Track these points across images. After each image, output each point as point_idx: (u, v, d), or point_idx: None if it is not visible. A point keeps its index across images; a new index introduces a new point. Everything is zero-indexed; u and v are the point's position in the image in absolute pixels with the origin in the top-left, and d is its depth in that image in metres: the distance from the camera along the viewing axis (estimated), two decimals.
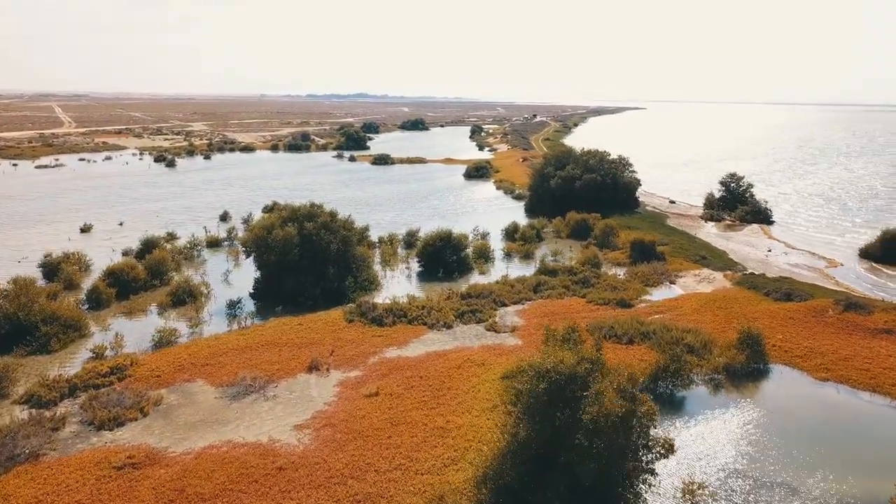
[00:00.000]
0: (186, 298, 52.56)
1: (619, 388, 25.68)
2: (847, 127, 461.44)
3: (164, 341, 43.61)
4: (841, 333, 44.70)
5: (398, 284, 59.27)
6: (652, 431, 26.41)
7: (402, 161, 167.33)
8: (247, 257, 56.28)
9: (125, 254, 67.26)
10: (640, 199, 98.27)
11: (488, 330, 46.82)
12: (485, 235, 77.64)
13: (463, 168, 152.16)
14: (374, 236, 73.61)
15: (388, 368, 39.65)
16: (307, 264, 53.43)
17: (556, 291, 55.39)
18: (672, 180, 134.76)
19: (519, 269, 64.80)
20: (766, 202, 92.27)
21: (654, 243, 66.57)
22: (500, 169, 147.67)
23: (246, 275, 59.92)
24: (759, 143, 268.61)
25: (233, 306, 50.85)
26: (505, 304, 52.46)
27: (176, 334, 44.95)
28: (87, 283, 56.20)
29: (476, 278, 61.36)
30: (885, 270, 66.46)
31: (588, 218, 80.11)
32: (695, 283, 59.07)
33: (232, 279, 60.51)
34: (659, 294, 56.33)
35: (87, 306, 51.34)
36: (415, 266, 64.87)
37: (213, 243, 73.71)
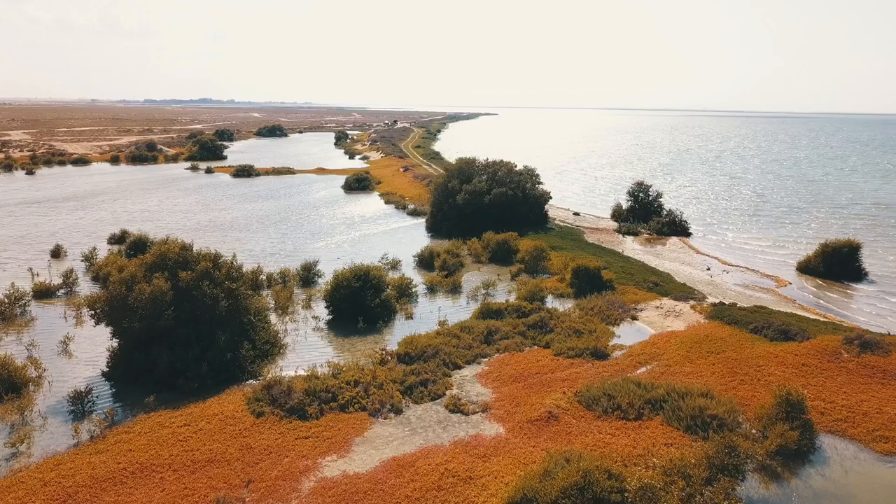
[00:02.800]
0: (2, 392, 36.01)
1: None
2: (685, 132, 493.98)
3: None
4: (871, 383, 37.33)
5: (307, 343, 45.65)
6: None
7: (268, 172, 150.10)
8: (97, 324, 40.25)
9: None
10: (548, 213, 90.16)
11: (452, 411, 34.88)
12: (396, 265, 65.43)
13: (338, 178, 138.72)
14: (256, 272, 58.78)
15: (334, 501, 26.64)
16: (187, 331, 38.67)
17: (513, 341, 44.48)
18: (556, 189, 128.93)
19: (450, 308, 53.37)
20: (682, 212, 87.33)
21: (600, 269, 57.59)
22: (382, 180, 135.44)
23: (97, 340, 43.86)
24: (619, 148, 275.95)
25: (79, 399, 35.05)
26: (458, 366, 40.76)
27: None
28: None
29: (403, 326, 49.11)
30: (835, 286, 62.05)
31: (509, 239, 70.18)
32: (660, 317, 50.53)
33: (76, 349, 43.74)
34: (628, 335, 47.10)
35: None
36: (321, 312, 51.40)
37: (43, 293, 55.44)
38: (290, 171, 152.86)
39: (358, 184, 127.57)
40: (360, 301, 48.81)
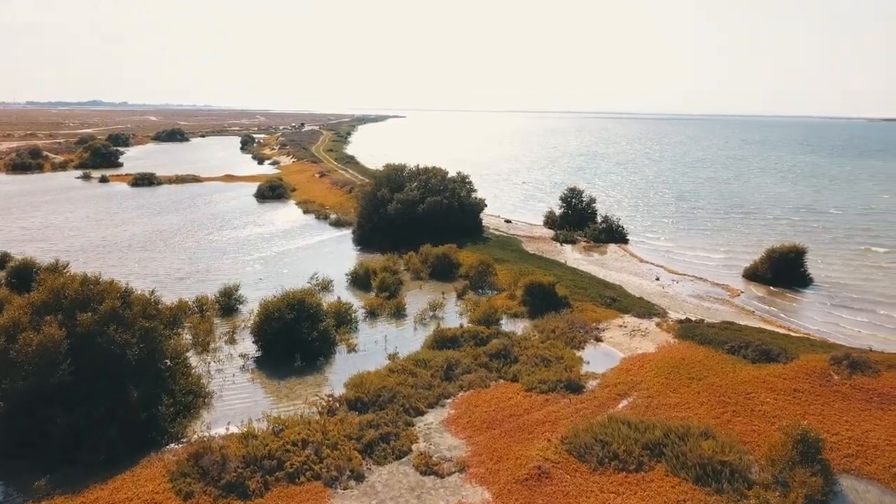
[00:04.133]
0: None
1: None
2: (592, 133, 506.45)
3: None
4: (870, 409, 34.61)
5: (236, 388, 38.79)
6: None
7: (171, 180, 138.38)
8: None
9: None
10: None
11: (424, 473, 29.32)
12: (327, 285, 58.98)
13: (249, 186, 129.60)
14: (165, 300, 50.79)
15: None
16: (89, 386, 31.23)
17: (477, 375, 39.35)
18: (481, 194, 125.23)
19: (396, 336, 47.67)
20: (619, 219, 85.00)
21: (554, 285, 53.44)
22: (297, 186, 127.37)
23: None
24: (532, 151, 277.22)
25: None
26: (420, 412, 35.21)
27: None
28: None
29: (347, 361, 42.99)
30: (786, 294, 60.63)
31: (449, 252, 65.09)
32: (626, 337, 46.79)
33: None
34: (596, 360, 42.92)
35: None
36: (249, 347, 44.51)
37: None
38: (195, 179, 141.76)
39: (272, 192, 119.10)
40: (296, 334, 42.32)
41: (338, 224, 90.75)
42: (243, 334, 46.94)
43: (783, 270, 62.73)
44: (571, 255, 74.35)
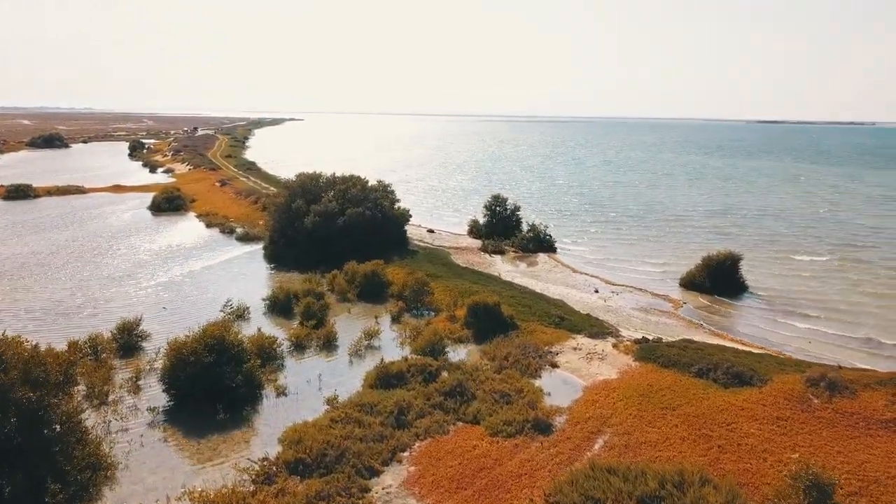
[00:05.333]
0: None
1: None
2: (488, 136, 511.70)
3: None
4: (858, 436, 32.43)
5: (144, 453, 32.03)
6: None
7: (50, 192, 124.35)
8: None
9: None
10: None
11: None
12: (243, 313, 52.33)
13: (142, 197, 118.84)
14: (49, 340, 42.66)
15: None
16: None
17: (433, 419, 34.51)
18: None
19: (330, 372, 42.06)
20: (547, 227, 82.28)
21: (499, 305, 49.37)
22: (197, 197, 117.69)
23: None
24: (436, 156, 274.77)
25: None
26: (375, 472, 29.97)
27: None
28: None
29: (278, 407, 37.01)
30: (726, 304, 59.43)
31: (378, 270, 59.82)
32: (583, 362, 43.29)
33: None
34: (557, 391, 39.07)
35: None
36: (157, 396, 37.65)
37: None
38: (79, 191, 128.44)
39: (169, 203, 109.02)
40: (217, 380, 35.96)
41: (246, 239, 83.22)
42: (149, 379, 39.94)
43: (720, 278, 61.67)
44: (503, 268, 70.78)
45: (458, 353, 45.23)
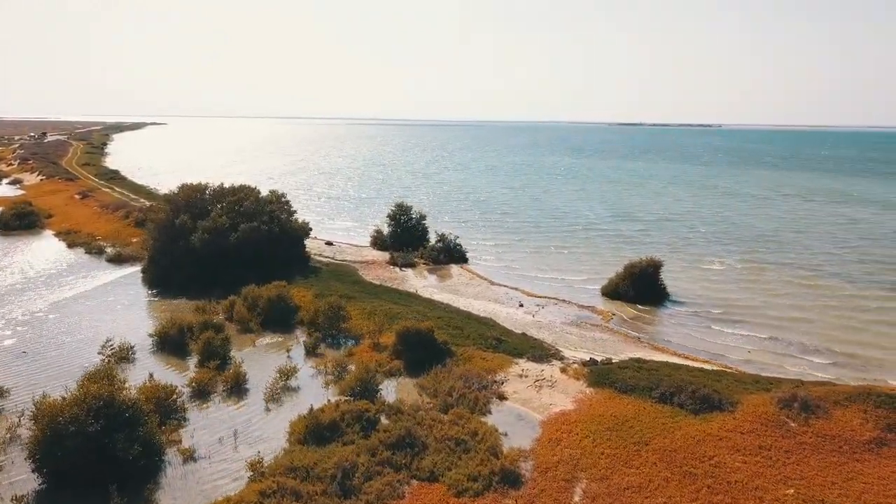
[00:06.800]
0: None
1: None
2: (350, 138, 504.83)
3: None
4: (844, 461, 30.28)
5: None
6: None
7: None
8: None
9: None
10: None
11: None
12: (127, 354, 43.96)
13: None
14: None
15: None
16: None
17: (384, 481, 28.93)
18: None
19: (244, 423, 35.36)
20: (457, 237, 77.95)
21: (432, 331, 44.29)
22: (54, 212, 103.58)
23: None
24: (310, 160, 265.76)
25: None
26: None
27: None
28: None
29: (187, 478, 29.96)
30: (653, 312, 57.74)
31: (284, 293, 52.98)
32: (533, 391, 39.12)
33: None
34: (513, 429, 34.57)
35: None
36: (23, 478, 29.48)
37: None
38: None
39: (19, 220, 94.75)
40: (107, 451, 28.45)
41: (118, 260, 72.86)
42: (11, 453, 31.54)
43: (644, 286, 59.97)
44: (418, 283, 65.74)
45: (390, 389, 39.76)
